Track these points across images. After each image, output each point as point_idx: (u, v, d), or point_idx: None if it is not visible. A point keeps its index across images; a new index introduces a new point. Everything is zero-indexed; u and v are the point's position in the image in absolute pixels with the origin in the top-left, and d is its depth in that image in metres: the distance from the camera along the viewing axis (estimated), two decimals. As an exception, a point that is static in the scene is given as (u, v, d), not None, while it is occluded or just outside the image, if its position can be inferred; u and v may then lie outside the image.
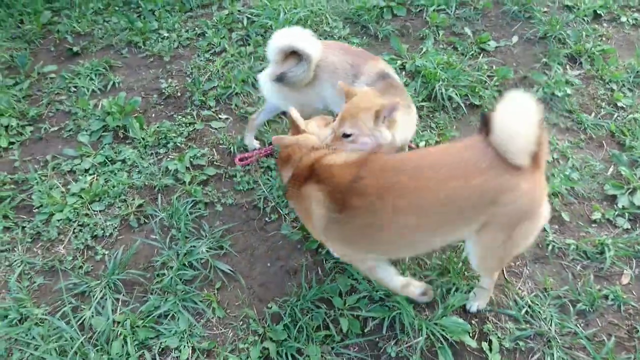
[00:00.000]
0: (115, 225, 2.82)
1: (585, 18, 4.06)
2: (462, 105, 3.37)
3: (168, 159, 3.17)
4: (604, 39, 3.89)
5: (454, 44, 3.90)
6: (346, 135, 2.26)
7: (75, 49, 4.05)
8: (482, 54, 3.82)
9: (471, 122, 3.33)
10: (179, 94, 3.62)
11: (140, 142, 3.25)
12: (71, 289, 2.52)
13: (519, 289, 2.48)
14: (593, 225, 2.73)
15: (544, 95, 3.45)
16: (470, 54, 3.79)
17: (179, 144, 3.26)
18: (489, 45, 3.89)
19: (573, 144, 3.15)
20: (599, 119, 3.28)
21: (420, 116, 3.34)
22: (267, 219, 2.83)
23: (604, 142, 3.16)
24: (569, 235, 2.68)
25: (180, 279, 2.51)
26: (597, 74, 3.60)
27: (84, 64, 3.90)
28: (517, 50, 3.87)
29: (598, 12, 4.10)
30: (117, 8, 4.52)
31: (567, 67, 3.67)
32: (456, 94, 3.39)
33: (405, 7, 4.28)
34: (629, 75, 3.53)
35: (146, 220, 2.84)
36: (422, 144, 3.14)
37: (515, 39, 3.96)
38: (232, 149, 3.20)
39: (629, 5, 4.19)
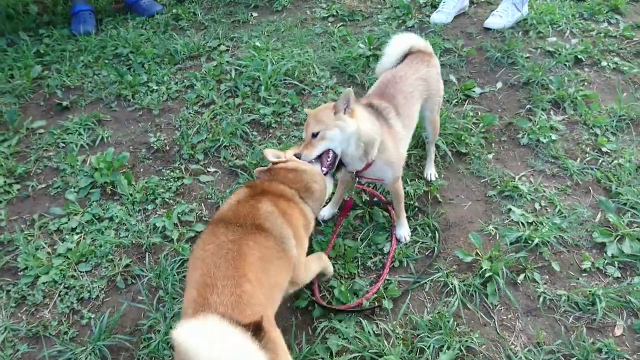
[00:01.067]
0: (102, 287, 2.78)
1: (567, 63, 4.14)
2: (449, 153, 3.40)
3: (156, 216, 3.15)
4: (585, 83, 3.96)
5: (439, 91, 3.96)
6: (314, 135, 2.41)
7: (64, 103, 4.08)
8: (467, 101, 3.88)
9: (459, 170, 3.35)
10: (167, 148, 3.64)
11: (128, 199, 3.24)
12: (56, 357, 2.46)
13: (512, 344, 2.45)
14: (584, 274, 2.71)
15: (529, 141, 3.49)
16: (456, 100, 3.85)
17: (167, 200, 3.25)
18: (473, 92, 3.95)
19: (560, 190, 3.17)
20: (585, 164, 3.31)
21: (407, 165, 3.36)
22: (256, 276, 2.79)
23: (590, 188, 3.18)
24: (560, 285, 2.67)
25: (168, 344, 2.46)
26: (580, 119, 3.65)
27: (73, 118, 3.93)
28: (502, 96, 3.94)
29: (579, 57, 4.19)
30: (107, 61, 4.58)
31: (551, 112, 3.73)
32: (443, 142, 3.43)
33: (390, 56, 4.36)
34: (611, 120, 3.59)
35: (133, 281, 2.81)
36: (411, 191, 3.15)
37: (499, 85, 4.03)
38: (220, 203, 3.19)
39: (609, 49, 4.29)
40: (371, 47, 4.38)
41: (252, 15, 5.16)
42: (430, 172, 3.29)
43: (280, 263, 2.06)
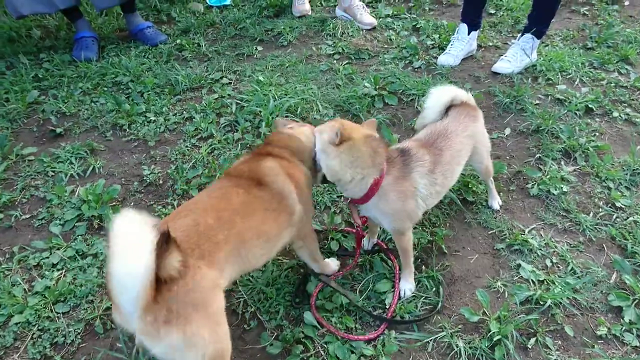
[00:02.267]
0: (79, 331, 2.56)
1: (578, 112, 4.03)
2: (457, 200, 3.24)
3: (143, 254, 2.96)
4: (597, 134, 3.84)
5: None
6: None
7: (58, 130, 3.94)
8: (474, 147, 3.74)
9: (465, 219, 3.19)
10: (160, 182, 3.47)
11: (115, 235, 3.06)
12: (20, 410, 2.24)
13: (522, 416, 2.24)
14: (599, 341, 2.51)
15: (540, 192, 3.34)
16: (463, 146, 3.72)
17: (156, 237, 3.06)
18: (481, 137, 3.82)
19: (572, 247, 2.99)
20: (598, 219, 3.14)
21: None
22: (245, 326, 2.59)
23: (604, 245, 3.00)
24: (574, 352, 2.46)
25: (144, 401, 2.25)
26: (592, 171, 3.51)
27: (65, 146, 3.78)
28: (510, 142, 3.81)
29: (590, 106, 4.08)
30: (106, 89, 4.47)
31: (562, 162, 3.59)
32: (450, 189, 3.27)
33: (396, 96, 4.26)
34: (625, 173, 3.44)
35: (113, 326, 2.59)
36: (414, 240, 2.97)
37: (507, 131, 3.90)
38: (212, 244, 3.01)
39: (620, 100, 4.18)
40: (376, 86, 4.28)
41: (256, 49, 5.09)
42: (495, 200, 3.25)
43: (271, 215, 2.15)
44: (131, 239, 1.48)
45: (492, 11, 5.74)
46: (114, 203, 3.29)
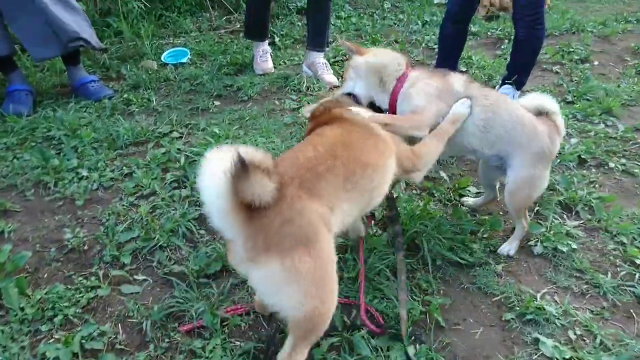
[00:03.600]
0: None
1: (571, 163, 3.63)
2: (450, 262, 2.68)
3: (50, 341, 2.24)
4: (596, 185, 3.41)
5: (429, 189, 3.34)
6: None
7: (-35, 190, 3.26)
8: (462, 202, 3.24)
9: (462, 283, 2.61)
10: (85, 248, 2.80)
11: (15, 315, 2.33)
12: None
13: None
14: None
15: (545, 250, 2.82)
16: (449, 201, 3.23)
17: (71, 318, 2.35)
18: (469, 191, 3.34)
19: (596, 314, 2.44)
20: (619, 280, 2.62)
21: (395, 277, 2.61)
22: None
23: (632, 311, 2.46)
24: None
25: None
26: (599, 225, 3.04)
27: (-30, 209, 3.09)
28: (502, 196, 3.32)
29: (583, 157, 3.70)
30: (34, 143, 3.85)
31: (565, 216, 3.11)
32: (441, 247, 2.73)
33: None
34: (638, 227, 2.98)
35: None
36: (402, 312, 2.35)
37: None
38: (144, 324, 2.31)
39: (613, 150, 3.82)
40: (347, 138, 3.81)
41: (213, 104, 4.60)
42: (511, 246, 2.85)
43: (369, 143, 2.09)
44: (211, 158, 1.56)
45: (463, 69, 5.51)
46: (20, 274, 2.57)
